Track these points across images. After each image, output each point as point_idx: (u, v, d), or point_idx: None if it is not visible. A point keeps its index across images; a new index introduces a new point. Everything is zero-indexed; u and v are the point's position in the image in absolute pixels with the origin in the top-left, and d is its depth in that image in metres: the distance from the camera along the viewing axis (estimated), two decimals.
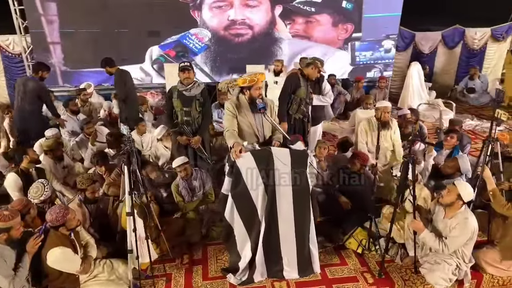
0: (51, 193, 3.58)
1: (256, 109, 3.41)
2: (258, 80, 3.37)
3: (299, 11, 7.65)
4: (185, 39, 7.43)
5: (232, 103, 3.47)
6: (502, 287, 3.43)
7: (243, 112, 3.44)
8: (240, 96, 3.50)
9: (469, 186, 3.01)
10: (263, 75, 3.42)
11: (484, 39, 9.15)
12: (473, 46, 9.19)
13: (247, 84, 3.38)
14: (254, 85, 3.39)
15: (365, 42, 7.95)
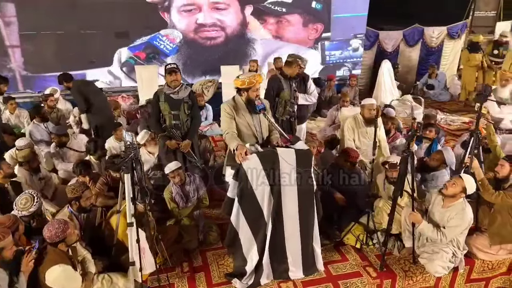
0: (40, 205, 3.35)
1: (254, 110, 3.38)
2: (256, 82, 3.33)
3: (270, 11, 7.67)
4: (155, 41, 7.22)
5: (229, 104, 3.41)
6: (491, 270, 3.65)
7: (241, 113, 3.39)
8: (236, 97, 3.44)
9: (473, 180, 3.17)
10: (261, 77, 3.39)
11: (441, 37, 9.68)
12: (431, 44, 9.70)
13: (245, 86, 3.33)
14: (252, 87, 3.35)
15: (334, 42, 8.15)
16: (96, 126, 5.64)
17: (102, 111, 5.61)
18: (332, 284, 3.30)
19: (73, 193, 3.28)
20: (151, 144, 4.78)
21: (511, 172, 3.50)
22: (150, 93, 6.95)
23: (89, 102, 5.43)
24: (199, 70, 7.61)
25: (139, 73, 7.06)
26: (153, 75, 7.16)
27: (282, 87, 4.45)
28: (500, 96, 5.44)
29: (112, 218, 3.42)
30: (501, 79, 5.46)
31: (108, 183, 4.06)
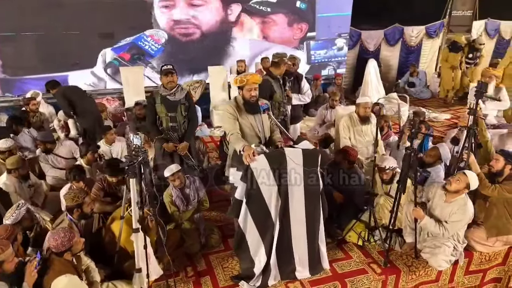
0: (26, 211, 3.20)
1: (254, 110, 3.36)
2: (247, 81, 3.29)
3: (256, 11, 7.65)
4: (140, 41, 7.06)
5: (231, 105, 3.37)
6: (488, 262, 3.76)
7: (243, 113, 3.36)
8: (238, 98, 3.41)
9: (476, 176, 3.26)
10: (254, 76, 3.33)
11: (420, 36, 9.93)
12: (411, 43, 9.93)
13: (237, 84, 3.33)
14: (244, 85, 3.32)
15: (319, 41, 8.22)
16: (84, 130, 5.50)
17: (89, 114, 5.48)
18: (339, 282, 3.31)
19: (75, 201, 3.15)
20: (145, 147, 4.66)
21: (505, 166, 3.61)
22: (136, 95, 6.92)
23: (75, 107, 5.31)
24: (186, 70, 7.50)
25: (124, 74, 6.89)
26: (139, 76, 7.01)
27: (273, 90, 4.43)
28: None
29: (113, 224, 3.32)
30: (485, 76, 5.65)
31: (104, 188, 3.93)
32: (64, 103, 5.27)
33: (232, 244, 3.65)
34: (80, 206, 3.20)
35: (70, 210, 3.20)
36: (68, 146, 5.02)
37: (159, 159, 4.23)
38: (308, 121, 7.20)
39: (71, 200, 3.14)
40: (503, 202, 3.58)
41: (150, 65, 7.26)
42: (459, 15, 9.27)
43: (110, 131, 5.07)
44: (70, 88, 5.58)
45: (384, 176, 3.77)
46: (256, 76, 3.30)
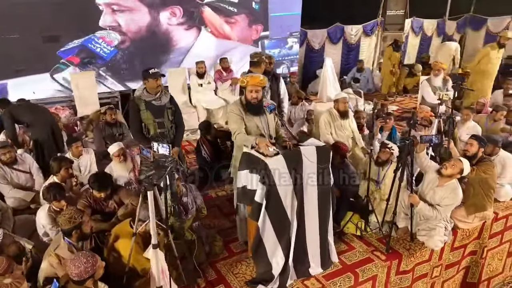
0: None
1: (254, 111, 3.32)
2: (247, 83, 3.28)
3: (218, 11, 7.53)
4: (90, 43, 6.52)
5: (236, 105, 3.31)
6: (468, 237, 4.14)
7: (248, 114, 3.31)
8: (242, 98, 3.36)
9: (468, 163, 3.55)
10: (254, 78, 3.28)
11: (358, 34, 10.57)
12: (351, 41, 10.52)
13: (241, 84, 3.33)
14: (246, 86, 3.29)
15: (273, 40, 8.33)
16: (36, 142, 4.96)
17: (41, 126, 4.95)
18: (351, 273, 3.42)
19: (72, 223, 2.83)
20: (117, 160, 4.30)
21: (478, 150, 4.00)
22: (89, 102, 6.40)
23: (25, 123, 4.86)
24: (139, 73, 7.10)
25: (74, 80, 6.33)
26: (91, 82, 6.48)
27: None
28: (434, 84, 6.17)
29: (118, 243, 3.05)
30: (434, 69, 6.20)
31: (91, 205, 3.60)
32: (10, 127, 4.77)
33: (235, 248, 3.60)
34: (79, 227, 2.89)
35: (67, 233, 2.87)
36: (26, 159, 4.51)
37: None
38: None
39: (68, 223, 2.82)
40: (478, 182, 3.97)
41: (103, 69, 6.76)
42: (392, 14, 10.03)
43: (75, 143, 4.62)
44: (19, 108, 4.97)
45: (383, 156, 3.92)
46: (257, 78, 3.26)
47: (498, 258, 4.65)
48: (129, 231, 3.09)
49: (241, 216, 3.60)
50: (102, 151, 5.12)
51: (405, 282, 3.78)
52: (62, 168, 4.00)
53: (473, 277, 4.47)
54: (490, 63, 6.20)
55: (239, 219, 3.66)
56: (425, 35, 11.72)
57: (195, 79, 6.92)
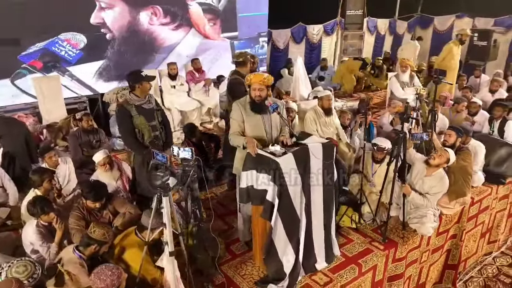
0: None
1: (257, 110, 3.31)
2: (250, 80, 3.29)
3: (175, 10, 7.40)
4: (54, 46, 6.14)
5: (239, 104, 3.30)
6: (450, 222, 4.41)
7: (250, 112, 3.31)
8: (247, 96, 3.35)
9: (453, 152, 3.78)
10: (257, 76, 3.29)
11: (319, 34, 10.87)
12: (313, 40, 10.80)
13: (246, 82, 3.31)
14: (250, 85, 3.30)
15: (242, 40, 8.33)
16: (6, 155, 4.62)
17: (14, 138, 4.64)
18: (355, 265, 3.52)
19: (104, 237, 2.73)
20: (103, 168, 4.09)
21: (456, 140, 4.29)
22: (55, 108, 6.02)
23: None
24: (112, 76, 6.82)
25: (38, 85, 5.92)
26: (56, 87, 6.10)
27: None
28: (402, 80, 6.51)
29: (126, 254, 2.91)
30: (401, 66, 6.54)
31: (85, 217, 3.40)
32: None
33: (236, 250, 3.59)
34: (102, 245, 2.74)
35: (86, 244, 2.71)
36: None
37: (141, 175, 3.82)
38: None
39: (102, 235, 2.69)
40: (458, 169, 4.24)
41: (68, 73, 6.39)
42: (352, 14, 10.42)
43: (48, 153, 4.30)
44: None
45: (379, 156, 4.08)
46: (260, 76, 3.26)
47: (473, 240, 5.00)
48: (136, 241, 2.98)
49: (244, 216, 3.58)
50: (78, 159, 4.86)
51: (400, 269, 3.96)
52: (44, 180, 3.74)
53: (454, 259, 4.77)
54: (453, 59, 6.66)
55: (242, 219, 3.63)
56: (379, 34, 12.29)
57: (168, 81, 6.76)
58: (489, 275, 4.97)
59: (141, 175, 3.81)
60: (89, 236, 2.72)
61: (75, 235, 3.25)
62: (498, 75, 7.77)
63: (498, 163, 5.01)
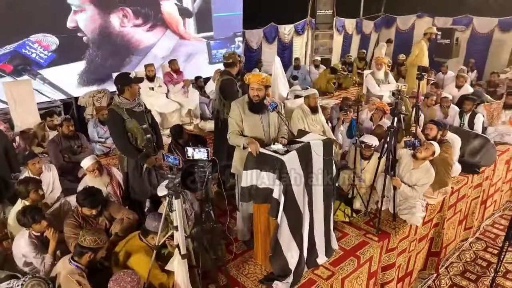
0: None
1: (255, 110, 3.34)
2: (249, 80, 3.31)
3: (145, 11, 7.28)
4: (24, 49, 5.83)
5: (237, 103, 3.31)
6: (434, 211, 4.63)
7: (249, 112, 3.32)
8: (245, 96, 3.37)
9: (438, 145, 3.96)
10: (255, 76, 3.31)
11: (291, 34, 11.03)
12: (285, 40, 10.95)
13: (246, 81, 3.32)
14: (248, 84, 3.32)
15: (218, 40, 8.30)
16: None
17: None
18: (354, 257, 3.63)
19: (96, 243, 2.61)
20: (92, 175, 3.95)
21: (437, 133, 4.51)
22: (27, 113, 5.73)
23: None
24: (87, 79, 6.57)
25: (8, 90, 5.62)
26: (28, 91, 5.81)
27: (238, 89, 4.43)
28: (377, 77, 6.74)
29: (131, 260, 2.83)
30: (377, 64, 6.77)
31: (81, 225, 3.27)
32: None
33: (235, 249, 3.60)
34: (97, 252, 2.64)
35: (80, 253, 2.60)
36: None
37: (135, 180, 3.72)
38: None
39: (93, 241, 2.58)
40: (440, 161, 4.47)
41: (40, 77, 6.09)
42: (322, 14, 10.66)
43: (31, 160, 4.10)
44: None
45: (367, 153, 4.21)
46: (259, 76, 3.28)
47: (452, 227, 5.28)
48: (141, 246, 2.92)
49: (244, 215, 3.59)
50: (60, 166, 4.66)
51: (392, 259, 4.11)
52: (31, 191, 3.56)
53: (436, 247, 5.00)
54: (424, 57, 6.99)
55: (241, 219, 3.63)
56: (347, 34, 12.64)
57: (146, 83, 6.60)
58: (467, 260, 5.26)
59: (135, 180, 3.72)
60: (80, 245, 2.62)
61: (73, 244, 3.12)
62: (463, 71, 8.24)
63: (472, 153, 5.31)
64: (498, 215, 6.24)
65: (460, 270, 5.07)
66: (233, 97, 4.32)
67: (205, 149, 2.39)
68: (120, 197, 4.01)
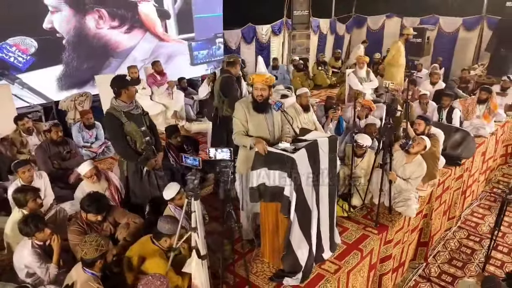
0: None
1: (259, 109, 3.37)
2: (253, 80, 3.34)
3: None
4: (1, 52, 5.57)
5: (242, 103, 3.33)
6: (423, 203, 4.82)
7: (253, 111, 3.35)
8: (249, 95, 3.39)
9: (428, 140, 4.12)
10: (259, 76, 3.34)
11: (268, 34, 11.12)
12: (262, 40, 11.02)
13: (249, 81, 3.35)
14: (252, 84, 3.35)
15: (199, 42, 8.24)
16: None
17: None
18: (357, 250, 3.73)
19: (99, 250, 2.53)
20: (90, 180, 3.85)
21: (425, 128, 4.71)
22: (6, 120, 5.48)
23: None
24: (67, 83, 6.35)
25: None
26: (6, 96, 5.56)
27: (236, 87, 4.46)
28: (359, 76, 6.94)
29: (146, 264, 2.79)
30: (359, 62, 6.98)
31: (86, 232, 3.19)
32: None
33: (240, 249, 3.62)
34: (104, 256, 2.59)
35: (90, 264, 2.54)
36: None
37: (136, 183, 3.65)
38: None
39: (95, 251, 2.52)
40: (429, 154, 4.66)
41: (18, 81, 5.84)
42: (299, 14, 10.81)
43: (22, 167, 3.94)
44: None
45: (360, 152, 4.33)
46: (262, 76, 3.31)
47: (438, 218, 5.52)
48: (155, 249, 2.89)
49: (248, 215, 3.61)
50: (49, 173, 4.50)
51: (389, 250, 4.26)
52: (29, 200, 3.43)
53: (425, 237, 5.22)
54: (401, 56, 7.25)
55: (246, 218, 3.65)
56: (321, 34, 12.89)
57: None
58: (452, 248, 5.52)
59: (136, 183, 3.67)
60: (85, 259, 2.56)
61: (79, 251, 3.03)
62: (436, 69, 8.61)
63: (454, 146, 5.58)
64: (476, 205, 6.58)
65: (447, 258, 5.31)
66: (233, 93, 4.36)
67: (227, 149, 2.40)
68: (119, 202, 3.93)
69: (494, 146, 6.97)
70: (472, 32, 11.20)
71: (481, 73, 9.34)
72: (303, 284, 3.28)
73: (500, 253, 5.29)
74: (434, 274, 4.99)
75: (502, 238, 5.54)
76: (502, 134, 7.23)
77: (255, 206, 3.56)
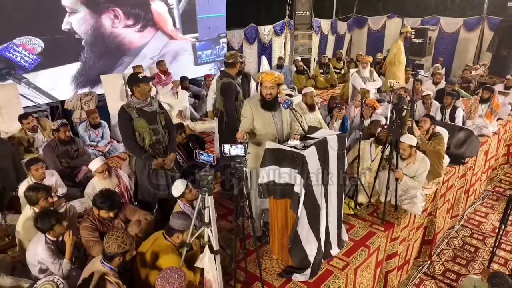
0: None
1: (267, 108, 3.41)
2: (262, 79, 3.38)
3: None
4: (8, 52, 5.61)
5: (250, 101, 3.38)
6: (428, 201, 4.87)
7: (261, 109, 3.39)
8: (257, 94, 3.43)
9: (410, 136, 4.17)
10: (268, 75, 3.37)
11: (270, 34, 11.17)
12: (264, 40, 11.07)
13: (258, 80, 3.40)
14: (261, 83, 3.39)
15: (203, 42, 8.29)
16: None
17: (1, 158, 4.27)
18: (365, 247, 3.77)
19: (122, 248, 2.57)
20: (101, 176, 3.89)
21: (430, 127, 4.76)
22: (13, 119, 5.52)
23: None
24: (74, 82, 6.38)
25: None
26: (13, 96, 5.60)
27: (238, 90, 4.48)
28: (363, 75, 7.00)
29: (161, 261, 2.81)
30: (362, 62, 7.03)
31: (98, 228, 3.23)
32: None
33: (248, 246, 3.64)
34: (125, 254, 2.63)
35: (110, 258, 2.58)
36: None
37: (144, 179, 3.69)
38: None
39: (118, 247, 2.55)
40: (434, 153, 4.72)
41: (25, 81, 5.88)
42: (301, 14, 10.86)
43: (35, 165, 3.96)
44: None
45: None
46: (271, 75, 3.35)
47: (442, 216, 5.57)
48: (168, 245, 2.92)
49: (257, 211, 3.65)
50: (57, 171, 4.54)
51: (395, 248, 4.30)
52: (41, 198, 3.45)
53: (429, 235, 5.27)
54: (401, 55, 7.31)
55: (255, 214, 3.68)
56: (323, 34, 12.95)
57: None
58: (456, 246, 5.56)
59: (142, 180, 3.70)
60: (106, 252, 2.60)
61: (94, 247, 3.08)
62: (438, 69, 8.67)
63: (458, 145, 5.62)
64: (478, 203, 6.63)
65: (451, 256, 5.36)
66: (230, 100, 4.38)
67: (242, 145, 2.44)
68: (128, 199, 3.98)
69: (496, 145, 7.02)
70: (472, 32, 11.26)
71: (483, 73, 9.39)
72: (312, 280, 3.32)
73: (503, 251, 5.34)
74: (438, 272, 5.03)
75: (506, 236, 5.58)
76: (504, 133, 7.29)
77: (264, 202, 3.60)
